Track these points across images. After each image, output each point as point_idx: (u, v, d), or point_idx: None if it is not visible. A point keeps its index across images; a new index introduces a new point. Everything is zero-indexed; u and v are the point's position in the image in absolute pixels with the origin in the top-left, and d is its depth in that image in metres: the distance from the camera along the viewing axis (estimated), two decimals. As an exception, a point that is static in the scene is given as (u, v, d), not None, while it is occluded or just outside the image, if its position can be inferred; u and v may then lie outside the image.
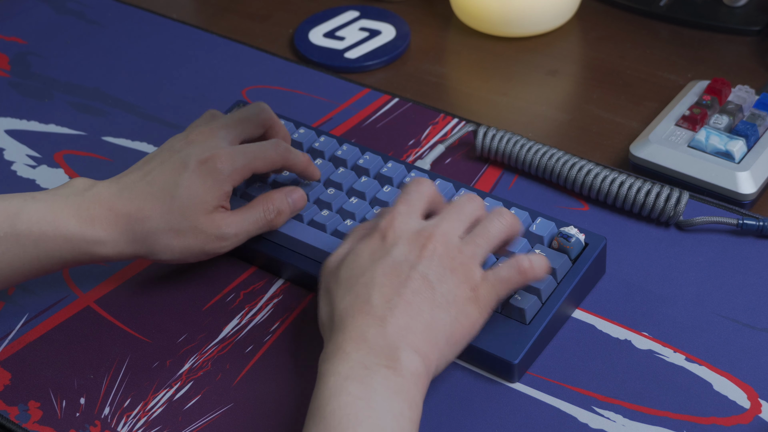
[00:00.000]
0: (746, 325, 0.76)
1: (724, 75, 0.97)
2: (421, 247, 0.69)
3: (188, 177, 0.76)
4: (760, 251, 0.81)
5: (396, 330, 0.66)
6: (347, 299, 0.68)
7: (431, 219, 0.71)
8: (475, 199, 0.73)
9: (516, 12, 1.02)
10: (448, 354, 0.68)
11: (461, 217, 0.71)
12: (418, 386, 0.65)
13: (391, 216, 0.71)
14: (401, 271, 0.68)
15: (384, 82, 1.01)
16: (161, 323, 0.80)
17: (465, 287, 0.69)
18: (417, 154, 0.91)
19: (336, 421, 0.62)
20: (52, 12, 1.12)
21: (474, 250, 0.70)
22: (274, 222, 0.79)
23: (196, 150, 0.77)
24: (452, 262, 0.69)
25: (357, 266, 0.69)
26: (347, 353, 0.65)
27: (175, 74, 1.03)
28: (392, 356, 0.65)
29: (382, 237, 0.70)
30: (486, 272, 0.70)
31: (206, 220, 0.76)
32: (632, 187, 0.83)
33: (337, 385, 0.63)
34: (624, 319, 0.77)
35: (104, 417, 0.74)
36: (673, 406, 0.71)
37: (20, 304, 0.82)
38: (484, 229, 0.71)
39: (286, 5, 1.12)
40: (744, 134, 0.86)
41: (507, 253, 0.75)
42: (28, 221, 0.74)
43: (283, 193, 0.80)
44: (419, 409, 0.65)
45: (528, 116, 0.96)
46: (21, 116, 0.99)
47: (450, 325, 0.68)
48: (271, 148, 0.79)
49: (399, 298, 0.67)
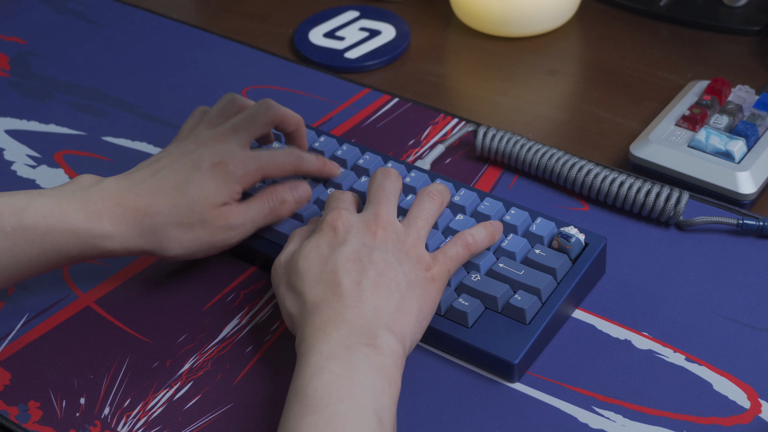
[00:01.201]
0: (746, 325, 0.76)
1: (724, 75, 0.97)
2: (373, 234, 0.72)
3: (200, 176, 0.77)
4: (760, 251, 0.81)
5: (371, 310, 0.68)
6: (318, 287, 0.69)
7: (365, 209, 0.75)
8: (389, 172, 0.77)
9: (516, 12, 1.02)
10: (418, 331, 0.70)
11: (390, 198, 0.75)
12: (397, 364, 0.67)
13: (336, 212, 0.73)
14: (363, 255, 0.70)
15: (384, 82, 1.01)
16: (161, 323, 0.80)
17: (420, 268, 0.72)
18: (417, 154, 0.91)
19: (318, 398, 0.63)
20: (52, 12, 1.12)
21: (417, 232, 0.74)
22: (279, 211, 0.80)
23: (208, 152, 0.78)
24: (403, 246, 0.72)
25: (316, 256, 0.71)
26: (327, 333, 0.66)
27: (175, 74, 1.03)
28: (372, 335, 0.66)
29: (332, 229, 0.72)
30: (435, 252, 0.74)
31: (214, 212, 0.77)
32: (632, 187, 0.83)
33: (319, 364, 0.65)
34: (624, 319, 0.77)
35: (104, 417, 0.74)
36: (673, 406, 0.71)
37: (20, 304, 0.82)
38: (420, 211, 0.75)
39: (286, 5, 1.12)
40: (744, 134, 0.86)
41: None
42: (35, 216, 0.74)
43: (287, 186, 0.81)
44: (398, 386, 0.66)
45: (528, 116, 0.96)
46: (21, 116, 0.99)
47: (417, 303, 0.70)
48: (283, 156, 0.80)
49: (368, 281, 0.69)
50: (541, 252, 0.77)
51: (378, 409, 0.63)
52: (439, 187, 0.77)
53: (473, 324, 0.75)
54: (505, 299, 0.75)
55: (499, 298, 0.75)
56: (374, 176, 0.77)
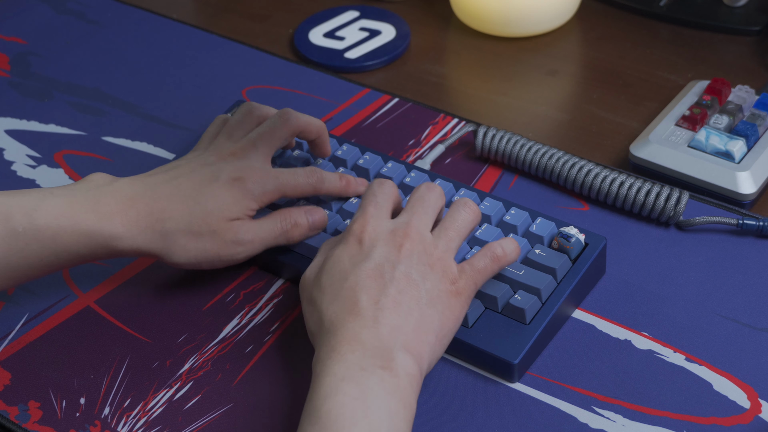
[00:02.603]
0: (746, 325, 0.76)
1: (724, 75, 0.97)
2: (398, 247, 0.70)
3: (218, 188, 0.76)
4: (760, 251, 0.81)
5: (388, 330, 0.66)
6: (335, 305, 0.68)
7: (399, 216, 0.73)
8: (435, 187, 0.75)
9: (516, 12, 1.02)
10: (438, 350, 0.69)
11: (427, 211, 0.73)
12: (412, 386, 0.65)
13: (363, 220, 0.72)
14: (384, 272, 0.69)
15: (384, 82, 1.01)
16: (161, 323, 0.80)
17: (446, 281, 0.70)
18: (417, 154, 0.91)
19: (331, 421, 0.62)
20: (52, 12, 1.12)
21: (447, 243, 0.72)
22: (290, 234, 0.79)
23: (228, 167, 0.78)
24: (430, 258, 0.70)
25: (338, 272, 0.70)
26: (342, 354, 0.65)
27: (175, 74, 1.03)
28: (387, 357, 0.65)
29: (358, 241, 0.71)
30: (462, 264, 0.72)
31: (225, 226, 0.76)
32: (632, 187, 0.83)
33: (333, 386, 0.64)
34: (624, 319, 0.77)
35: (104, 417, 0.74)
36: (673, 406, 0.71)
37: (20, 304, 0.82)
38: (453, 222, 0.73)
39: (286, 5, 1.12)
40: (744, 134, 0.86)
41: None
42: (47, 216, 0.74)
43: (303, 210, 0.80)
44: (413, 409, 0.65)
45: (528, 116, 0.96)
46: (21, 116, 0.99)
47: (438, 321, 0.68)
48: (303, 177, 0.79)
49: (387, 299, 0.67)
50: (541, 252, 0.77)
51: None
52: (473, 202, 0.75)
53: (473, 324, 0.75)
54: (505, 299, 0.75)
55: (499, 298, 0.75)
56: (418, 188, 0.75)
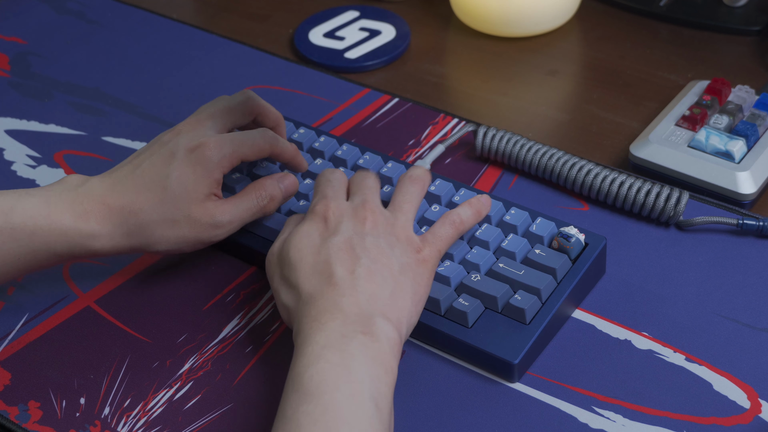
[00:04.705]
0: (746, 325, 0.76)
1: (724, 75, 0.97)
2: (362, 221, 0.73)
3: (177, 166, 0.76)
4: (760, 251, 0.81)
5: (366, 298, 0.68)
6: (312, 279, 0.70)
7: (352, 198, 0.75)
8: (369, 173, 0.78)
9: (516, 12, 1.02)
10: (414, 316, 0.71)
11: (374, 191, 0.76)
12: (393, 350, 0.67)
13: (325, 200, 0.74)
14: (354, 244, 0.71)
15: (384, 82, 1.01)
16: (161, 323, 0.80)
17: (411, 251, 0.72)
18: (417, 154, 0.91)
19: (314, 387, 0.63)
20: (52, 12, 1.12)
21: (405, 215, 0.75)
22: (267, 208, 0.80)
23: (183, 140, 0.77)
24: (393, 229, 0.73)
25: (307, 246, 0.71)
26: (323, 323, 0.66)
27: (175, 74, 1.03)
28: (367, 323, 0.67)
29: (323, 219, 0.73)
30: (424, 234, 0.74)
31: (199, 209, 0.76)
32: (632, 187, 0.83)
33: (315, 354, 0.65)
34: (624, 319, 0.77)
35: (104, 417, 0.74)
36: (673, 406, 0.71)
37: (20, 304, 0.82)
38: (404, 195, 0.76)
39: (286, 5, 1.12)
40: (744, 134, 0.86)
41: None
42: (23, 215, 0.74)
43: (275, 179, 0.80)
44: (395, 373, 0.66)
45: (528, 116, 0.96)
46: (21, 116, 0.99)
47: (411, 288, 0.70)
48: (258, 135, 0.80)
49: (361, 268, 0.69)
50: (541, 252, 0.77)
51: (375, 396, 0.64)
52: (418, 171, 0.78)
53: (473, 324, 0.75)
54: (505, 299, 0.75)
55: (499, 298, 0.75)
56: (354, 176, 0.78)
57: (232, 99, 0.81)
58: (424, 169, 0.78)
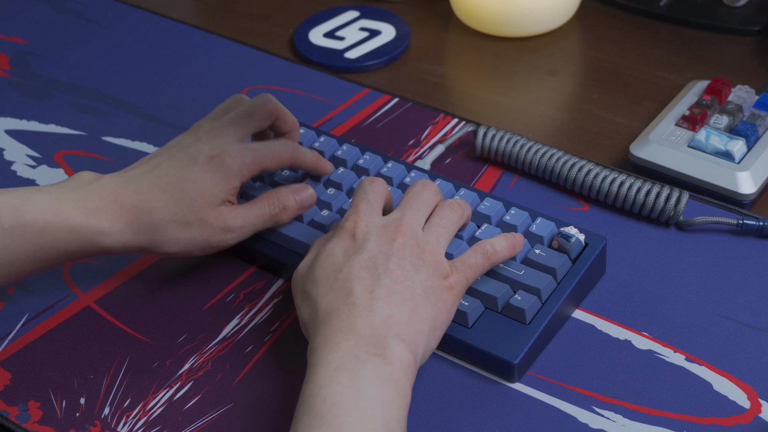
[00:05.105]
0: (746, 325, 0.76)
1: (724, 75, 0.97)
2: (391, 241, 0.71)
3: (197, 171, 0.76)
4: (760, 251, 0.81)
5: (382, 319, 0.67)
6: (330, 296, 0.68)
7: (392, 213, 0.73)
8: (430, 185, 0.75)
9: (516, 12, 1.02)
10: (432, 341, 0.69)
11: (420, 208, 0.74)
12: (407, 374, 0.66)
13: (356, 216, 0.72)
14: (378, 263, 0.69)
15: (384, 82, 1.01)
16: (161, 323, 0.80)
17: (438, 276, 0.71)
18: (417, 154, 0.91)
19: (325, 410, 0.62)
20: (52, 12, 1.12)
21: (437, 239, 0.73)
22: (279, 217, 0.79)
23: (205, 146, 0.77)
24: (422, 253, 0.71)
25: (331, 264, 0.70)
26: (337, 344, 0.65)
27: (175, 74, 1.03)
28: (381, 345, 0.65)
29: (351, 236, 0.71)
30: (454, 260, 0.72)
31: (212, 213, 0.76)
32: (632, 187, 0.83)
33: (327, 375, 0.64)
34: (624, 319, 0.77)
35: (104, 417, 0.74)
36: (673, 406, 0.71)
37: (20, 304, 0.82)
38: (441, 219, 0.74)
39: (286, 5, 1.12)
40: (744, 134, 0.86)
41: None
42: (34, 212, 0.74)
43: (291, 189, 0.80)
44: (408, 396, 0.65)
45: (528, 116, 0.96)
46: (21, 116, 0.99)
47: (432, 312, 0.69)
48: (280, 146, 0.80)
49: (381, 289, 0.68)
50: (541, 252, 0.77)
51: (386, 420, 0.63)
52: (461, 201, 0.76)
53: (473, 324, 0.75)
54: (505, 299, 0.75)
55: (499, 298, 0.75)
56: (414, 185, 0.76)
57: (253, 104, 0.81)
58: (467, 203, 0.77)
